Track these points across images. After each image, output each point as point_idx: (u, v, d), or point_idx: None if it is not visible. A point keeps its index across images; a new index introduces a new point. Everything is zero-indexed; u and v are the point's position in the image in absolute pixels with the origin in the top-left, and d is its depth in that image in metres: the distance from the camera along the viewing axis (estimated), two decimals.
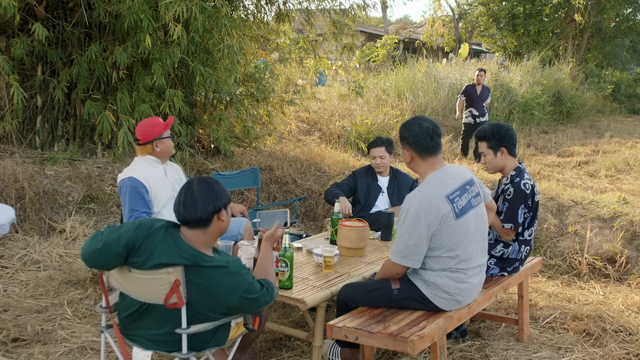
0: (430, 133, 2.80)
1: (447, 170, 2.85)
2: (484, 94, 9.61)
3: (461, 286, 2.80)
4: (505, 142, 3.41)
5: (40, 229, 4.91)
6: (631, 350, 3.49)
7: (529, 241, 3.45)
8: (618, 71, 22.35)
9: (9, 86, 5.53)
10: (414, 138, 2.81)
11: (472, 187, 2.87)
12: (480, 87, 9.60)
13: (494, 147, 3.42)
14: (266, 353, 3.39)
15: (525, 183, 3.35)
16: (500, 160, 3.43)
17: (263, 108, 7.61)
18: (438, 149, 2.83)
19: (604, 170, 8.74)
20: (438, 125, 2.86)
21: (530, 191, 3.34)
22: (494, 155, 3.44)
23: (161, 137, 3.55)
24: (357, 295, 2.90)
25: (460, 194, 2.78)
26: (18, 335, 3.37)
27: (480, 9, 22.44)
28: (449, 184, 2.78)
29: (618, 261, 4.98)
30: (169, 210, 3.52)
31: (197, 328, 2.29)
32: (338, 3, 11.65)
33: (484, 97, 9.60)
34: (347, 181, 4.72)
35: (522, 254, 3.45)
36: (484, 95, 9.61)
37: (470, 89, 9.67)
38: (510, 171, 3.43)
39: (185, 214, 2.29)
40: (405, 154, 2.90)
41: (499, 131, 3.41)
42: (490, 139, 3.43)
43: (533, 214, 3.41)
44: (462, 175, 2.87)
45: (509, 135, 3.42)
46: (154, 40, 5.32)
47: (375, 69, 17.13)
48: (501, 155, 3.42)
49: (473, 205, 2.83)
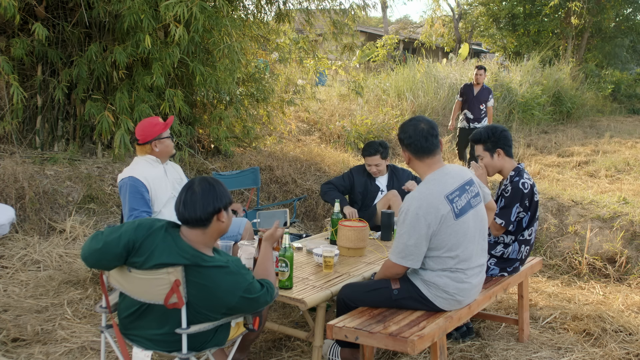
0: (425, 134, 2.80)
1: (447, 170, 2.85)
2: (482, 95, 8.44)
3: (461, 286, 2.80)
4: (501, 144, 3.43)
5: (40, 229, 4.91)
6: (631, 350, 3.49)
7: (528, 241, 3.45)
8: (618, 71, 22.35)
9: (9, 86, 5.53)
10: (409, 140, 2.82)
11: (472, 187, 2.87)
12: (479, 87, 8.47)
13: (490, 149, 3.45)
14: (266, 353, 3.38)
15: (524, 182, 3.36)
16: (497, 162, 3.45)
17: (263, 108, 7.61)
18: (434, 149, 2.82)
19: (604, 170, 8.74)
20: (435, 126, 2.86)
21: (528, 190, 3.35)
22: (490, 157, 3.46)
23: (160, 137, 3.55)
24: (357, 295, 2.90)
25: (459, 194, 2.78)
26: (18, 335, 3.37)
27: (480, 9, 22.45)
28: (448, 184, 2.78)
29: (618, 261, 4.98)
30: (169, 210, 3.52)
31: (197, 328, 2.29)
32: (338, 3, 11.63)
33: (482, 99, 8.42)
34: (342, 180, 4.65)
35: (522, 254, 3.45)
36: (482, 97, 8.44)
37: (467, 88, 8.58)
38: (509, 172, 3.44)
39: (185, 213, 2.29)
40: (404, 155, 2.92)
41: (494, 133, 3.43)
42: (485, 142, 3.45)
43: (532, 214, 3.41)
44: (462, 175, 2.87)
45: (504, 136, 3.44)
46: (154, 40, 5.32)
47: (375, 69, 17.13)
48: (498, 156, 3.44)
49: (472, 205, 2.83)
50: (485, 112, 8.49)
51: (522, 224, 3.40)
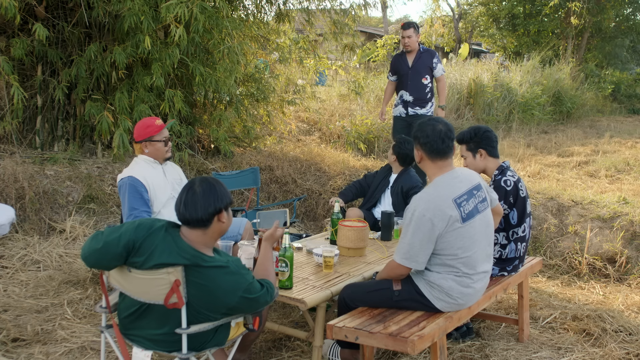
0: (443, 136, 2.80)
1: (456, 174, 2.84)
2: (421, 64, 5.93)
3: (465, 291, 2.80)
4: (483, 144, 3.43)
5: (40, 229, 4.91)
6: (631, 350, 3.49)
7: (523, 237, 3.45)
8: (618, 71, 22.33)
9: (9, 86, 5.53)
10: (425, 139, 2.81)
11: (479, 191, 2.87)
12: (414, 54, 5.94)
13: (473, 149, 3.45)
14: (266, 353, 3.39)
15: (507, 180, 3.36)
16: (480, 162, 3.44)
17: (263, 108, 7.61)
18: (449, 152, 2.83)
19: (604, 170, 8.72)
20: (452, 128, 2.86)
21: (511, 188, 3.35)
22: (473, 157, 3.46)
23: (150, 140, 3.55)
24: (358, 295, 2.91)
25: (467, 198, 2.78)
26: (18, 335, 3.37)
27: (480, 9, 22.44)
28: (456, 187, 2.78)
29: (618, 261, 4.98)
30: (169, 210, 3.52)
31: (197, 328, 2.29)
32: (338, 3, 11.63)
33: (423, 69, 5.91)
34: (361, 179, 4.91)
35: (520, 252, 3.46)
36: (422, 65, 5.92)
37: (397, 60, 6.08)
38: (494, 171, 3.45)
39: (185, 213, 2.29)
40: (416, 153, 2.90)
41: (477, 133, 3.44)
42: (468, 142, 3.46)
43: (521, 210, 3.40)
44: (470, 179, 2.87)
45: (487, 136, 3.43)
46: (154, 40, 5.32)
47: (375, 68, 17.12)
48: (480, 157, 3.44)
49: (479, 210, 2.83)
50: (430, 89, 6.00)
51: (509, 220, 3.39)
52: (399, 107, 6.09)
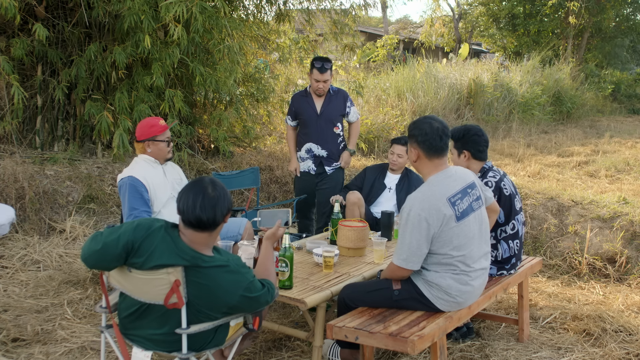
0: (440, 134, 2.79)
1: (450, 172, 2.84)
2: (331, 109, 4.81)
3: (464, 288, 2.80)
4: (468, 146, 3.41)
5: (40, 229, 4.91)
6: (631, 350, 3.49)
7: (515, 234, 3.44)
8: (618, 71, 22.36)
9: (9, 86, 5.53)
10: (424, 137, 2.80)
11: (474, 190, 2.87)
12: (322, 98, 4.79)
13: (459, 148, 3.45)
14: (266, 353, 3.38)
15: (488, 182, 3.36)
16: (462, 163, 3.42)
17: (263, 108, 7.61)
18: (445, 150, 2.83)
19: (604, 170, 8.72)
20: (448, 126, 2.86)
21: (493, 188, 3.33)
22: (457, 156, 3.46)
23: (154, 139, 3.56)
24: (358, 295, 2.91)
25: (461, 197, 2.78)
26: (18, 335, 3.37)
27: (480, 9, 22.45)
28: (450, 186, 2.78)
29: (618, 261, 4.98)
30: (169, 210, 3.52)
31: (197, 328, 2.29)
32: (338, 3, 11.63)
33: (333, 117, 4.82)
34: (359, 175, 4.87)
35: (514, 249, 3.45)
36: (332, 112, 4.82)
37: (300, 103, 4.89)
38: (476, 174, 3.43)
39: (202, 216, 2.25)
40: (412, 152, 2.88)
41: (465, 134, 3.42)
42: (456, 140, 3.45)
43: (507, 209, 3.39)
44: (465, 178, 2.87)
45: (474, 140, 3.41)
46: (154, 40, 5.32)
47: (375, 68, 17.12)
48: (464, 158, 3.43)
49: (474, 209, 2.84)
50: (343, 138, 4.96)
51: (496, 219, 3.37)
52: (308, 161, 4.94)
